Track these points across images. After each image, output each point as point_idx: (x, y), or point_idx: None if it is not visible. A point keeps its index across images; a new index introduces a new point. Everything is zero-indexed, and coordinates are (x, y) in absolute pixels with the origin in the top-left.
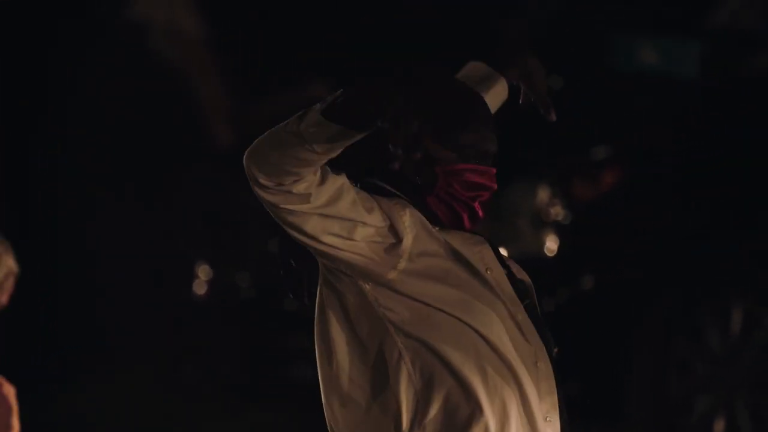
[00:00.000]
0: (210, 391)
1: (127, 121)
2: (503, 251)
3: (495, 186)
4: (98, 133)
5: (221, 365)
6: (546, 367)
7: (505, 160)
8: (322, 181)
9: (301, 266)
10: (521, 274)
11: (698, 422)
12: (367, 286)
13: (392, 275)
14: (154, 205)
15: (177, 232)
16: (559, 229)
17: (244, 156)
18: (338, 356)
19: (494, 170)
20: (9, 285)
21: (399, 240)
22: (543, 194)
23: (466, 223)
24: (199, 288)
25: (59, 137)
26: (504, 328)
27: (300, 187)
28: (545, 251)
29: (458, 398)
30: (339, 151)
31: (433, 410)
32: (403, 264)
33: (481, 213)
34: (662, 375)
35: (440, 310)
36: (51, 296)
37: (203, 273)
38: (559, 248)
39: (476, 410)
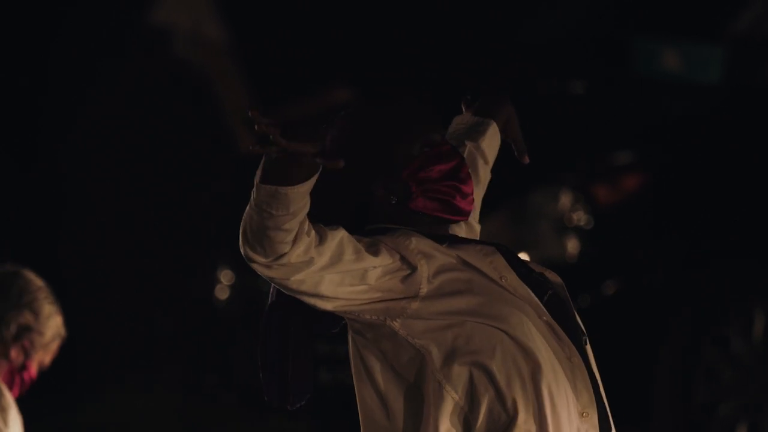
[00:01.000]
0: (231, 397)
1: (150, 125)
2: (525, 256)
3: (461, 159)
4: (121, 137)
5: (242, 371)
6: (580, 362)
7: (527, 166)
8: (321, 240)
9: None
10: (540, 269)
11: (723, 427)
12: (396, 324)
13: (416, 304)
14: (176, 210)
15: (199, 236)
16: (582, 234)
17: (239, 244)
18: (389, 403)
19: (448, 146)
20: (54, 347)
21: (413, 268)
22: (565, 199)
23: (461, 204)
24: (221, 293)
25: (82, 141)
26: (533, 329)
27: (298, 253)
28: (567, 256)
29: (498, 407)
30: (305, 204)
31: (478, 424)
32: (424, 289)
33: (469, 188)
34: (687, 381)
35: (470, 319)
36: (72, 303)
37: (225, 278)
38: (582, 253)
39: (515, 415)
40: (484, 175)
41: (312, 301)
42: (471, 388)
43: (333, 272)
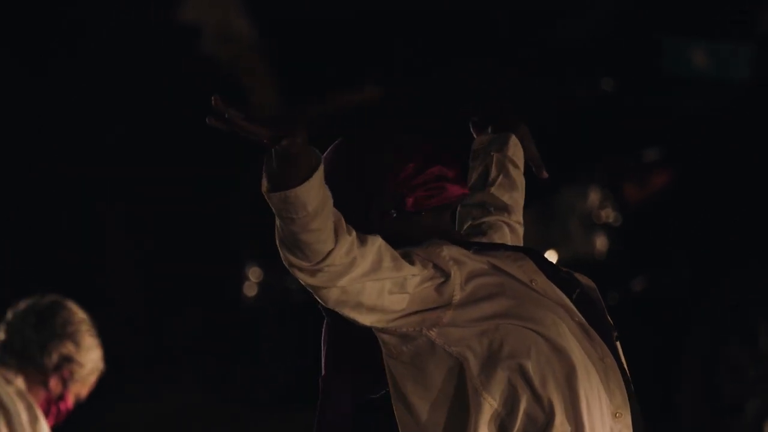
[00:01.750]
0: (260, 394)
1: (178, 122)
2: (554, 253)
3: (433, 145)
4: (150, 133)
5: (271, 367)
6: (613, 362)
7: (557, 163)
8: (362, 243)
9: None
10: (568, 270)
11: (749, 426)
12: (433, 333)
13: (450, 313)
14: (204, 208)
15: (228, 234)
16: (610, 232)
17: (282, 258)
18: (427, 422)
19: (425, 144)
20: (92, 380)
21: (447, 276)
22: (594, 196)
23: (455, 187)
24: (250, 290)
25: (109, 136)
26: (566, 330)
27: (341, 254)
28: (596, 253)
29: (535, 409)
30: (322, 200)
31: (515, 428)
32: (457, 296)
33: (453, 172)
34: (714, 377)
35: (504, 321)
36: (102, 301)
37: (254, 275)
38: (610, 250)
39: (552, 416)
40: (518, 179)
41: (353, 314)
42: (508, 392)
43: (374, 279)
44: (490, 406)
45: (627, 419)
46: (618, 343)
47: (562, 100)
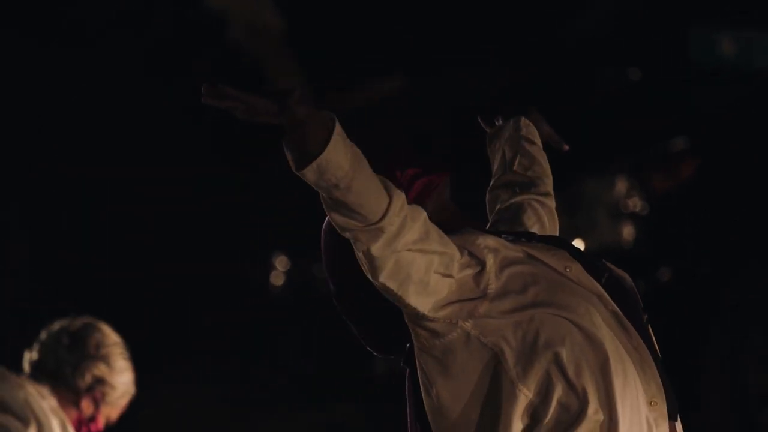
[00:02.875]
0: (285, 383)
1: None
2: (580, 242)
3: (400, 151)
4: (178, 122)
5: (296, 357)
6: (646, 351)
7: (584, 152)
8: (411, 210)
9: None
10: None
11: None
12: (468, 325)
13: (486, 304)
14: (231, 197)
15: (255, 222)
16: (637, 221)
17: (339, 232)
18: (452, 415)
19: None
20: (123, 403)
21: (482, 264)
22: (621, 185)
23: (431, 177)
24: (277, 279)
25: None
26: (600, 319)
27: (396, 208)
28: (623, 242)
29: (569, 397)
30: (353, 158)
31: (548, 416)
32: (492, 285)
33: (423, 167)
34: (739, 367)
35: (539, 310)
36: (124, 289)
37: (280, 264)
38: (637, 239)
39: (586, 405)
40: (537, 153)
41: (401, 291)
42: (543, 381)
43: (423, 250)
44: (525, 396)
45: (662, 408)
46: (650, 329)
47: (589, 90)
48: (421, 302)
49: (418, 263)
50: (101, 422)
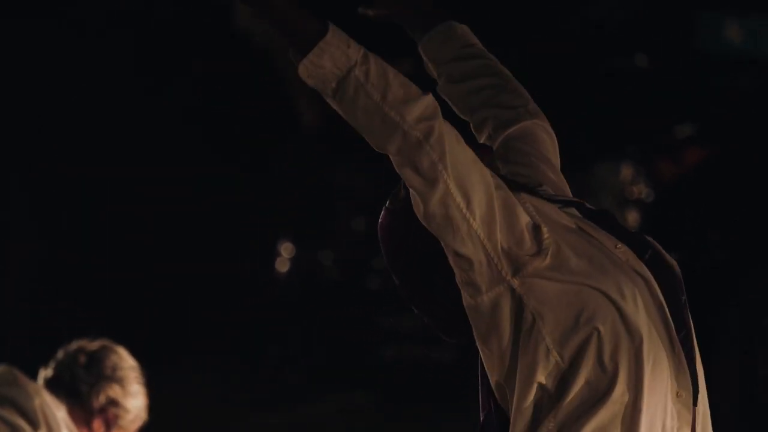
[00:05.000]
0: (292, 371)
1: (212, 95)
2: None
3: None
4: (182, 108)
5: (303, 344)
6: (678, 342)
7: (590, 138)
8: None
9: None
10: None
11: None
12: (516, 281)
13: (539, 262)
14: (237, 183)
15: (260, 209)
16: (643, 207)
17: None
18: (502, 365)
19: None
20: (133, 429)
21: (539, 224)
22: (627, 172)
23: None
24: (282, 266)
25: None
26: (642, 304)
27: (430, 100)
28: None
29: (599, 376)
30: (357, 47)
31: (575, 390)
32: (548, 245)
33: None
34: (749, 355)
35: (586, 283)
36: (132, 278)
37: (286, 251)
38: (642, 226)
39: (613, 386)
40: (490, 66)
41: (458, 212)
42: (577, 355)
43: (476, 164)
44: (557, 365)
45: (688, 400)
46: (688, 313)
47: (595, 75)
48: (477, 235)
49: (475, 176)
50: None
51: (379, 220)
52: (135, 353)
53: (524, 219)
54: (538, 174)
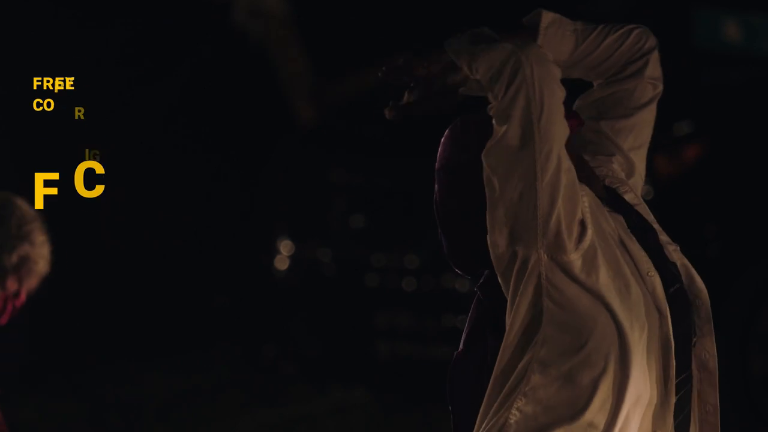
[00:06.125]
0: (291, 368)
1: (211, 95)
2: None
3: None
4: (183, 107)
5: (302, 342)
6: (680, 385)
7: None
8: None
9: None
10: (678, 257)
11: None
12: (545, 258)
13: (574, 255)
14: (236, 181)
15: (259, 207)
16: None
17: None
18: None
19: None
20: (43, 272)
21: (583, 224)
22: None
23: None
24: (281, 264)
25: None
26: (647, 341)
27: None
28: None
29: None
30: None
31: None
32: (588, 242)
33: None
34: (744, 352)
35: (602, 301)
36: (131, 273)
37: (285, 249)
38: None
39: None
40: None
41: (532, 165)
42: (564, 368)
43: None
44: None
45: None
46: (703, 353)
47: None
48: (546, 175)
49: (559, 130)
50: (24, 296)
51: (455, 126)
52: (131, 348)
53: (578, 213)
54: (607, 165)
